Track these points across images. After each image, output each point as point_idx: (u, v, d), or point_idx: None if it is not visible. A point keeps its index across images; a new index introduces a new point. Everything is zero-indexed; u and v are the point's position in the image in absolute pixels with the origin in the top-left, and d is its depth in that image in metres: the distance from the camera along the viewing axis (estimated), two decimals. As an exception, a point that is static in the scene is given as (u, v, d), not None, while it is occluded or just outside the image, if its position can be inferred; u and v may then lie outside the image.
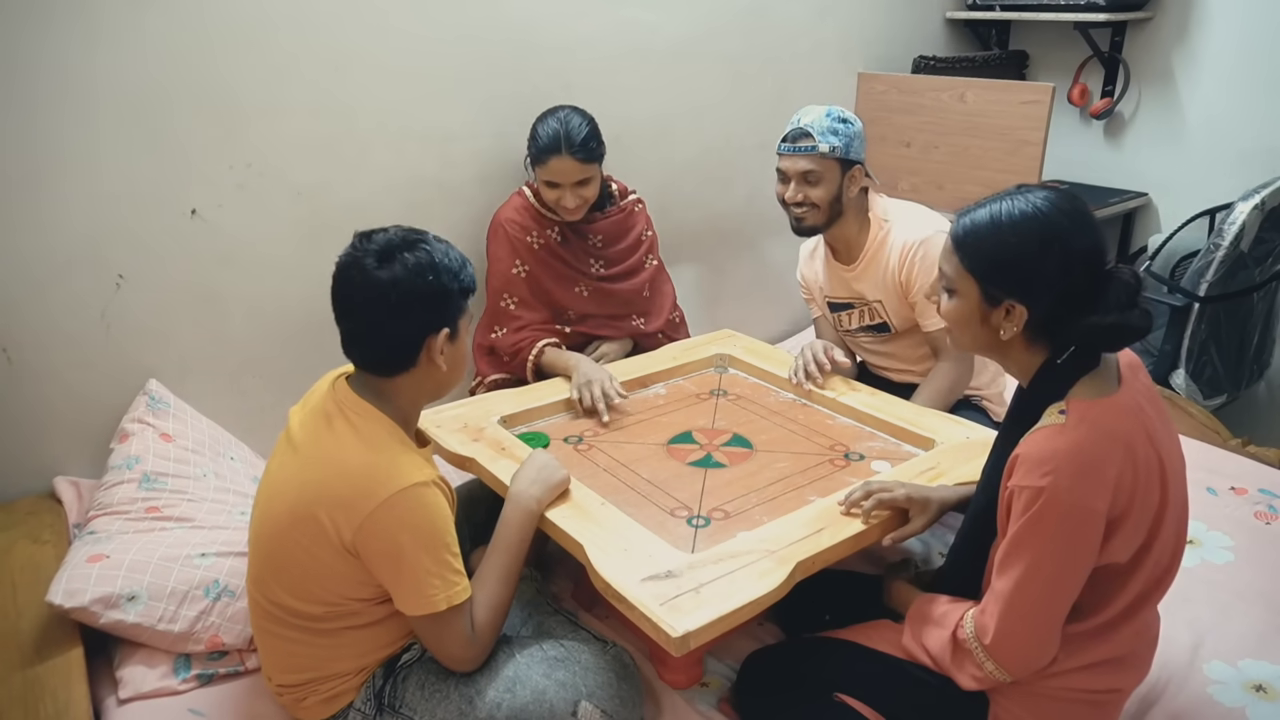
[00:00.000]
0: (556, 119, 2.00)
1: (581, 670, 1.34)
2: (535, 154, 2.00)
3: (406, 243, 1.26)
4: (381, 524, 1.20)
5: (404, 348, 1.28)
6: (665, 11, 2.45)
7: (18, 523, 1.69)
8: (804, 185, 1.89)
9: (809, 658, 1.42)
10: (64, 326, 1.77)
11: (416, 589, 1.23)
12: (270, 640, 1.33)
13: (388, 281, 1.23)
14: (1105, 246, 1.16)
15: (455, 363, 1.33)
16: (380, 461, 1.24)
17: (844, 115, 1.89)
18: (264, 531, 1.30)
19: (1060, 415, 1.14)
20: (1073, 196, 1.17)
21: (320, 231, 2.03)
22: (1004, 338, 1.19)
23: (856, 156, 1.90)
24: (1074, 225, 1.14)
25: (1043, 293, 1.14)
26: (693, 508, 1.55)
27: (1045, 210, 1.14)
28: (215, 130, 1.85)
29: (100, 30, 1.68)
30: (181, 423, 1.83)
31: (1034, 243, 1.13)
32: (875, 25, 2.98)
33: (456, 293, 1.29)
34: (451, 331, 1.29)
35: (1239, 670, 1.55)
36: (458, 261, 1.30)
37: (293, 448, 1.30)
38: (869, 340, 2.12)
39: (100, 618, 1.41)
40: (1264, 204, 2.32)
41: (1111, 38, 3.05)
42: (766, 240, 2.97)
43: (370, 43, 1.99)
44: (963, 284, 1.21)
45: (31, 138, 1.66)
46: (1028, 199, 1.16)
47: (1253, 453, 2.21)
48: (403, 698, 1.30)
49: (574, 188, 2.01)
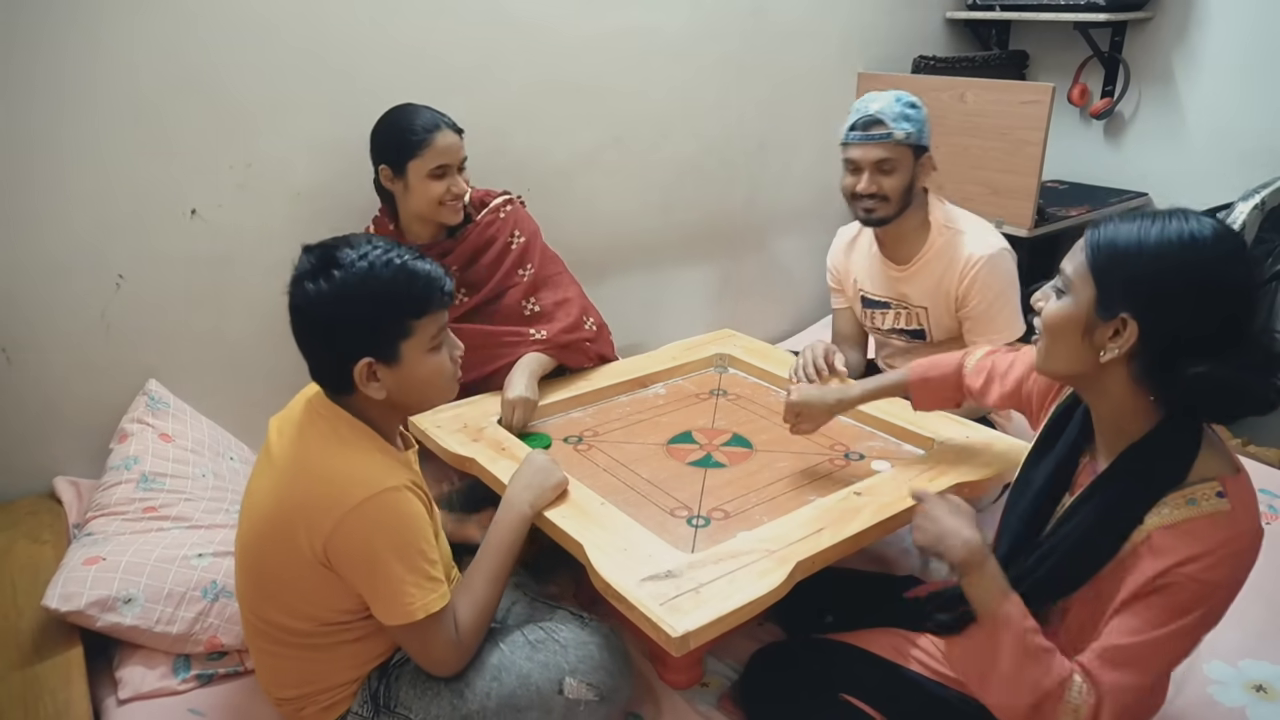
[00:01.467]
0: (406, 108, 1.84)
1: (561, 648, 1.34)
2: (412, 143, 1.78)
3: (323, 263, 1.17)
4: (352, 531, 1.15)
5: (334, 373, 1.22)
6: (666, 12, 2.45)
7: (18, 523, 1.69)
8: (878, 175, 1.82)
9: (813, 657, 1.41)
10: (64, 326, 1.77)
11: (392, 598, 1.19)
12: (264, 657, 1.31)
13: (303, 307, 1.18)
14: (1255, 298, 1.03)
15: (404, 387, 1.22)
16: (350, 467, 1.19)
17: (913, 100, 1.84)
18: (247, 546, 1.26)
19: (1219, 499, 1.04)
20: (1236, 235, 1.04)
21: (320, 232, 1.98)
22: (1103, 359, 1.06)
23: (927, 143, 1.85)
24: (1226, 261, 1.01)
25: (1167, 319, 1.02)
26: (692, 508, 1.54)
27: (1203, 237, 1.01)
28: (215, 130, 1.85)
29: (100, 30, 1.68)
30: (181, 423, 1.83)
31: (1174, 261, 1.01)
32: (875, 25, 2.98)
33: (386, 318, 1.18)
34: (384, 357, 1.19)
35: (1239, 670, 1.55)
36: (388, 281, 1.17)
37: (269, 459, 1.26)
38: (899, 341, 2.08)
39: (97, 621, 1.41)
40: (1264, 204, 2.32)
41: (1111, 38, 3.05)
42: (766, 240, 2.97)
43: (370, 43, 1.99)
44: (1080, 285, 1.08)
45: (31, 138, 1.66)
46: (1187, 223, 1.03)
47: (1253, 453, 2.21)
48: (397, 697, 1.30)
49: (459, 168, 1.84)
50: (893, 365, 2.13)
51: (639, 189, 2.57)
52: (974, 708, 1.24)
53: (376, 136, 1.85)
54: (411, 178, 1.81)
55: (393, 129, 1.82)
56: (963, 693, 1.26)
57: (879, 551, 1.86)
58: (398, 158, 1.81)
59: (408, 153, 1.79)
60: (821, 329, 2.99)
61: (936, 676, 1.30)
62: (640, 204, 2.59)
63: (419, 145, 1.79)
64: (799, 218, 3.01)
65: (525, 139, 2.26)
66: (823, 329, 2.98)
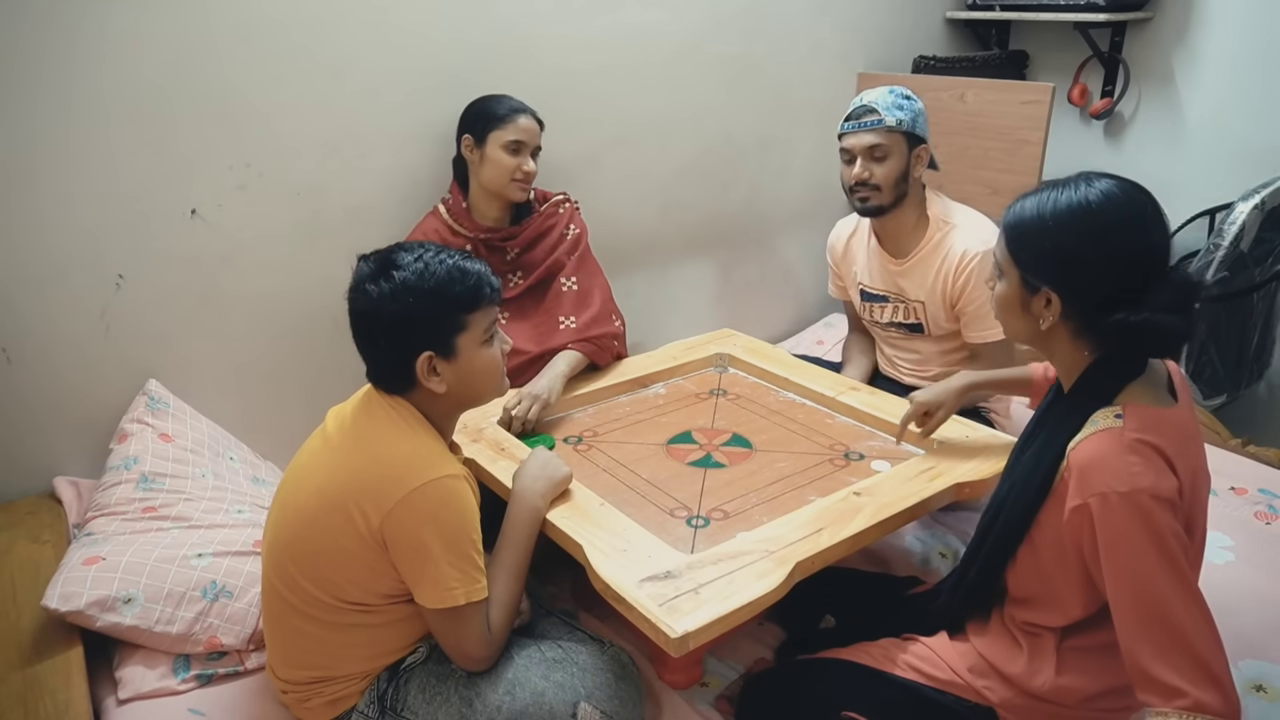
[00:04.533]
0: (500, 95, 2.01)
1: (579, 671, 1.34)
2: (498, 117, 1.95)
3: (382, 266, 1.26)
4: (410, 512, 1.21)
5: (396, 371, 1.29)
6: (665, 12, 2.45)
7: (18, 523, 1.69)
8: (870, 162, 1.84)
9: (810, 678, 1.39)
10: (64, 326, 1.77)
11: (437, 582, 1.23)
12: (282, 632, 1.33)
13: (367, 309, 1.27)
14: (1160, 245, 1.09)
15: (462, 379, 1.31)
16: (413, 451, 1.26)
17: (907, 93, 1.87)
18: (289, 517, 1.30)
19: (1116, 419, 1.08)
20: (1137, 190, 1.10)
21: (320, 232, 2.03)
22: (1043, 327, 1.15)
23: (922, 133, 1.86)
24: (1125, 220, 1.08)
25: (1080, 284, 1.10)
26: (692, 508, 1.54)
27: (1095, 202, 1.08)
28: (215, 130, 1.85)
29: (100, 30, 1.67)
30: (181, 423, 1.83)
31: (1073, 234, 1.09)
32: (875, 25, 2.98)
33: (443, 312, 1.27)
34: (442, 352, 1.28)
35: (1239, 670, 1.54)
36: (444, 278, 1.27)
37: (325, 439, 1.32)
38: (897, 336, 2.09)
39: (97, 621, 1.41)
40: (1264, 204, 2.32)
41: (1111, 38, 3.05)
42: (767, 240, 2.96)
43: (370, 43, 1.99)
44: (1006, 267, 1.18)
45: (31, 137, 1.66)
46: (1082, 189, 1.10)
47: (1253, 453, 2.21)
48: (404, 700, 1.30)
49: (534, 154, 1.99)
50: (886, 360, 2.14)
51: (639, 189, 2.56)
52: (968, 708, 1.24)
53: (467, 110, 2.01)
54: (489, 148, 1.95)
55: (484, 104, 2.00)
56: (958, 695, 1.26)
57: (879, 552, 1.86)
58: (483, 128, 1.96)
59: (492, 124, 1.95)
60: (821, 329, 2.99)
61: (932, 681, 1.30)
62: (640, 204, 2.59)
63: (503, 119, 1.95)
64: (799, 217, 3.01)
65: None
66: (823, 329, 2.99)
